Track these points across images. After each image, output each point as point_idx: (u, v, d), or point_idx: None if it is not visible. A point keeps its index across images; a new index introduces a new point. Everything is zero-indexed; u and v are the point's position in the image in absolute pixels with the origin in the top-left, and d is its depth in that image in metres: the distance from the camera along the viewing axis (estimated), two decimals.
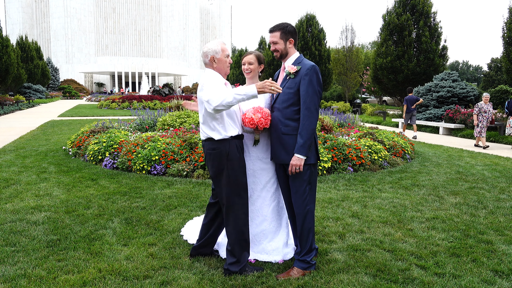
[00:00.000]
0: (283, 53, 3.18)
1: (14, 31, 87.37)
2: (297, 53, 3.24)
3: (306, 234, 3.16)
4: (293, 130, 3.11)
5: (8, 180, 6.16)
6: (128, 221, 4.34)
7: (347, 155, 7.03)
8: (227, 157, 3.07)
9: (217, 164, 3.09)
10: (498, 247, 3.75)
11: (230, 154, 3.07)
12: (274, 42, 3.16)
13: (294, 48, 3.22)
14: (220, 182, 3.12)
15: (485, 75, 59.21)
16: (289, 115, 3.12)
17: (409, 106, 14.16)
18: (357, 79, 31.52)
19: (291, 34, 3.16)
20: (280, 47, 3.16)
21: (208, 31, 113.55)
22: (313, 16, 30.77)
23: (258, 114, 3.14)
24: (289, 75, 3.14)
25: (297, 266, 3.17)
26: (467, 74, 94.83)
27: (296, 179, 3.14)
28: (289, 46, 3.18)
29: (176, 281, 3.03)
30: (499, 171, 7.40)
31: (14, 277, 3.04)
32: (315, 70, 3.06)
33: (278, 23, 3.18)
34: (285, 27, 3.15)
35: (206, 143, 3.16)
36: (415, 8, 20.75)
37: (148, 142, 7.07)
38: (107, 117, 20.21)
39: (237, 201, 3.12)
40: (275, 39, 3.16)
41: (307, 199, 3.16)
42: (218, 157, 3.08)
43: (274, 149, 3.23)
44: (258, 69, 3.36)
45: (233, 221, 3.13)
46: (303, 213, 3.15)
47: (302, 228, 3.17)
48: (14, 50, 32.50)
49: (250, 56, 3.34)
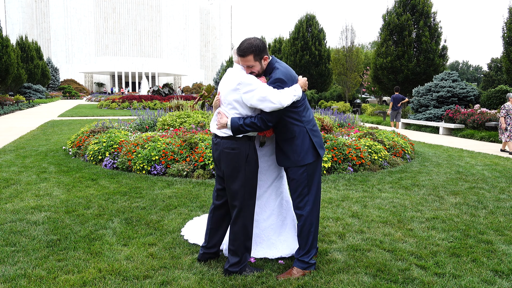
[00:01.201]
0: (260, 72, 3.11)
1: (14, 31, 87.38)
2: (270, 58, 3.14)
3: (306, 235, 3.16)
4: (287, 134, 3.13)
5: (8, 180, 6.16)
6: (128, 221, 4.34)
7: (347, 155, 7.03)
8: (246, 158, 3.05)
9: (235, 165, 3.05)
10: (498, 247, 3.75)
11: (249, 156, 3.06)
12: (250, 66, 3.04)
13: (269, 60, 3.13)
14: (235, 183, 3.07)
15: (485, 75, 59.19)
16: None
17: (395, 104, 15.15)
18: (357, 79, 31.49)
19: (263, 51, 3.02)
20: (257, 68, 3.06)
21: (208, 31, 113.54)
22: (313, 16, 30.76)
23: None
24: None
25: (296, 266, 3.17)
26: (467, 74, 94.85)
27: (294, 180, 3.14)
28: (264, 63, 3.10)
29: (176, 281, 3.03)
30: (499, 171, 7.40)
31: (14, 277, 3.04)
32: (281, 80, 3.01)
33: (246, 45, 2.98)
34: (256, 47, 2.97)
35: (224, 141, 3.06)
36: (415, 8, 20.75)
37: (148, 142, 7.07)
38: (107, 117, 20.21)
39: (250, 203, 3.12)
40: (249, 63, 3.02)
41: (305, 201, 3.14)
42: (237, 157, 3.04)
43: (276, 153, 3.27)
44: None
45: (242, 222, 3.12)
46: (302, 215, 3.15)
47: (301, 229, 3.17)
48: (14, 50, 32.50)
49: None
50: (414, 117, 17.39)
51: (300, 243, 3.19)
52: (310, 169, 3.14)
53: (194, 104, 11.92)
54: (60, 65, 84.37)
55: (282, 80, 3.02)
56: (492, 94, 16.63)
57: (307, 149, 3.11)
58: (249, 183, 3.08)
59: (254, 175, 3.12)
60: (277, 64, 3.11)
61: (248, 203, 3.11)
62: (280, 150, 3.19)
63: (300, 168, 3.11)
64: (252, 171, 3.09)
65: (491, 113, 14.36)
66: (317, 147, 3.15)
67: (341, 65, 30.14)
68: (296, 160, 3.11)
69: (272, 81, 3.03)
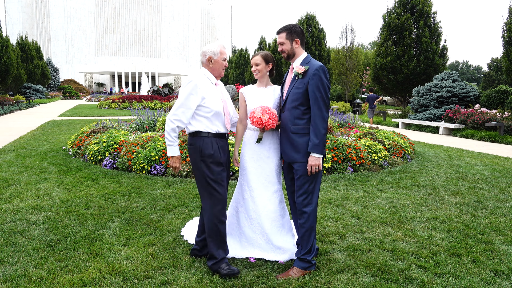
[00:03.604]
0: (289, 53, 3.25)
1: (14, 31, 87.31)
2: (305, 53, 3.29)
3: (308, 233, 3.17)
4: (302, 129, 3.15)
5: (8, 180, 6.15)
6: (128, 221, 4.34)
7: (347, 155, 7.03)
8: (200, 154, 3.15)
9: (193, 160, 3.20)
10: (498, 247, 3.75)
11: (203, 152, 3.14)
12: (281, 43, 3.25)
13: (302, 48, 3.28)
14: (196, 179, 3.22)
15: (485, 75, 59.18)
16: (298, 115, 3.17)
17: (371, 103, 17.04)
18: (357, 79, 31.52)
19: (297, 35, 3.22)
20: (287, 47, 3.23)
21: (208, 31, 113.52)
22: (313, 16, 30.75)
23: (267, 115, 3.19)
24: (297, 75, 3.19)
25: (297, 265, 3.18)
26: (467, 74, 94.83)
27: (302, 178, 3.15)
28: (295, 47, 3.24)
29: (176, 281, 3.03)
30: (499, 171, 7.40)
31: (14, 277, 3.04)
32: (323, 70, 3.11)
33: (285, 25, 3.27)
34: (291, 28, 3.22)
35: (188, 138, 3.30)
36: (415, 8, 20.73)
37: (148, 142, 7.07)
38: (107, 117, 20.21)
39: (206, 202, 3.18)
40: (281, 39, 3.24)
41: (310, 199, 3.17)
42: (193, 152, 3.18)
43: (284, 148, 3.28)
44: (267, 68, 3.40)
45: (206, 218, 3.19)
46: (306, 212, 3.16)
47: (304, 228, 3.17)
48: (14, 50, 32.47)
49: (256, 58, 3.40)
50: (414, 117, 17.39)
51: (302, 242, 3.19)
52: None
53: None
54: (60, 65, 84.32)
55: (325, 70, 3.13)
56: (492, 94, 16.63)
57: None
58: (203, 179, 3.15)
59: (212, 171, 3.14)
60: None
61: (207, 199, 3.17)
62: (291, 144, 3.20)
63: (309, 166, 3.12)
64: (210, 170, 3.14)
65: (491, 113, 14.35)
66: (324, 146, 3.20)
67: (341, 65, 30.17)
68: (307, 156, 3.13)
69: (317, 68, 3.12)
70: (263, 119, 3.17)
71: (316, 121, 3.06)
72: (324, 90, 3.09)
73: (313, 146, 3.06)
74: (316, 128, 3.05)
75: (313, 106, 3.08)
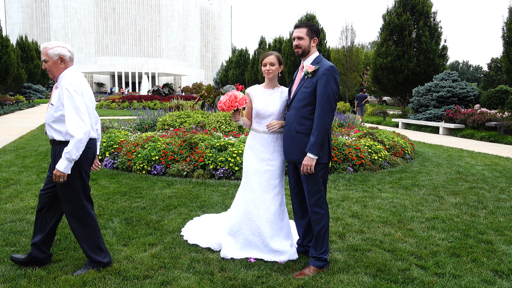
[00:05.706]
0: (305, 50, 3.17)
1: (14, 31, 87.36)
2: (317, 53, 3.24)
3: (323, 234, 3.17)
4: (308, 129, 3.11)
5: (8, 180, 6.15)
6: (128, 221, 4.34)
7: (347, 155, 7.03)
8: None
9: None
10: (498, 247, 3.75)
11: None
12: (300, 38, 3.14)
13: (315, 48, 3.23)
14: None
15: (485, 75, 59.17)
16: (305, 114, 3.12)
17: (360, 102, 18.03)
18: (357, 79, 31.49)
19: (316, 34, 3.18)
20: (305, 43, 3.15)
21: (208, 31, 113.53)
22: (313, 16, 30.72)
23: (226, 96, 3.19)
24: (307, 74, 3.13)
25: (313, 264, 3.19)
26: (467, 74, 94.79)
27: (310, 179, 3.14)
28: (312, 45, 3.19)
29: (176, 281, 3.03)
30: (499, 171, 7.40)
31: (14, 277, 3.04)
32: (333, 71, 3.05)
33: (305, 21, 3.25)
34: (312, 25, 3.16)
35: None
36: (415, 8, 20.72)
37: (148, 142, 7.07)
38: (107, 117, 20.20)
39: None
40: (301, 34, 3.14)
41: (322, 199, 3.16)
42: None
43: (288, 147, 3.23)
44: (279, 69, 3.38)
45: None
46: (319, 213, 3.15)
47: (319, 228, 3.16)
48: (14, 50, 32.46)
49: (272, 57, 3.32)
50: (414, 117, 17.40)
51: (317, 243, 3.19)
52: (325, 168, 3.18)
53: (194, 104, 11.92)
54: None
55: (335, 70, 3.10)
56: (492, 94, 16.62)
57: (326, 149, 3.14)
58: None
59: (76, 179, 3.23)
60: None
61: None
62: (296, 144, 3.15)
63: (318, 166, 3.12)
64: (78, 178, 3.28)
65: (491, 113, 14.35)
66: (330, 150, 3.20)
67: (341, 65, 30.13)
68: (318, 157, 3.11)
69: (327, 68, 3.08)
70: (222, 100, 3.18)
71: (317, 122, 3.02)
72: (332, 91, 3.02)
73: (309, 146, 3.03)
74: (316, 128, 3.02)
75: (318, 106, 3.03)
